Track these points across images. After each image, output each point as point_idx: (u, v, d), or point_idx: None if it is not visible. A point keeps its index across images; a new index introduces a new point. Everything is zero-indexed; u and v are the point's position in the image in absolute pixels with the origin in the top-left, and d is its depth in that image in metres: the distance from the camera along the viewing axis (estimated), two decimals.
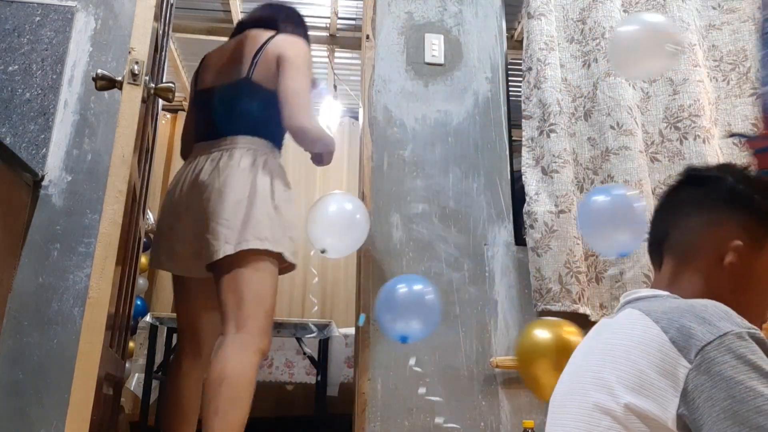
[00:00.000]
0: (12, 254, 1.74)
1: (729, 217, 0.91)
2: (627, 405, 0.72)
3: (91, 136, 1.92)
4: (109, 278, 1.17)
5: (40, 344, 1.72)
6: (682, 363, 0.70)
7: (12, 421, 1.66)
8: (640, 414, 0.71)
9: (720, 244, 0.90)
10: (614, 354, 0.78)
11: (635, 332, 0.77)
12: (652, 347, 0.73)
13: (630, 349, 0.76)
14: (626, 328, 0.80)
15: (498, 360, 1.87)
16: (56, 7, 2.00)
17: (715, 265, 0.90)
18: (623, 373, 0.75)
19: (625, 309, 0.86)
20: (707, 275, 0.90)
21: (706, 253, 0.90)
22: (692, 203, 0.94)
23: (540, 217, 1.95)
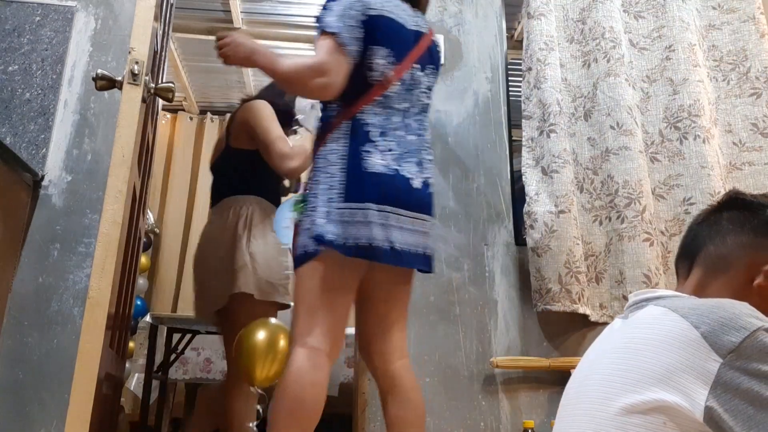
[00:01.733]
0: (12, 254, 1.75)
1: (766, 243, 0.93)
2: (654, 400, 0.73)
3: (91, 136, 1.92)
4: (109, 278, 1.17)
5: (40, 344, 1.72)
6: (713, 357, 0.71)
7: (12, 421, 1.66)
8: (667, 408, 0.72)
9: (753, 265, 0.91)
10: (638, 349, 0.79)
11: (662, 327, 0.78)
12: (681, 341, 0.74)
13: (656, 343, 0.77)
14: (651, 324, 0.81)
15: (498, 360, 1.87)
16: (56, 7, 2.00)
17: (744, 285, 0.91)
18: (649, 368, 0.75)
19: (646, 306, 0.87)
20: (734, 292, 0.91)
21: (737, 271, 0.92)
22: (733, 223, 0.96)
23: (540, 218, 1.95)
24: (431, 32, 1.61)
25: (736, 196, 1.00)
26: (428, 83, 1.57)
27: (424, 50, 1.56)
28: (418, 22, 1.57)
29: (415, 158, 1.47)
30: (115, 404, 1.92)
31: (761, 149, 2.09)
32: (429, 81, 1.57)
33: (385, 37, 1.48)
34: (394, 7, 1.51)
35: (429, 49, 1.58)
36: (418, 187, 1.45)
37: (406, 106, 1.51)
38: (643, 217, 1.92)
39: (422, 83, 1.54)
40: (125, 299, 1.70)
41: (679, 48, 2.12)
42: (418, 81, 1.53)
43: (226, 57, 1.50)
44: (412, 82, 1.52)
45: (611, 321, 1.93)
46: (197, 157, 4.70)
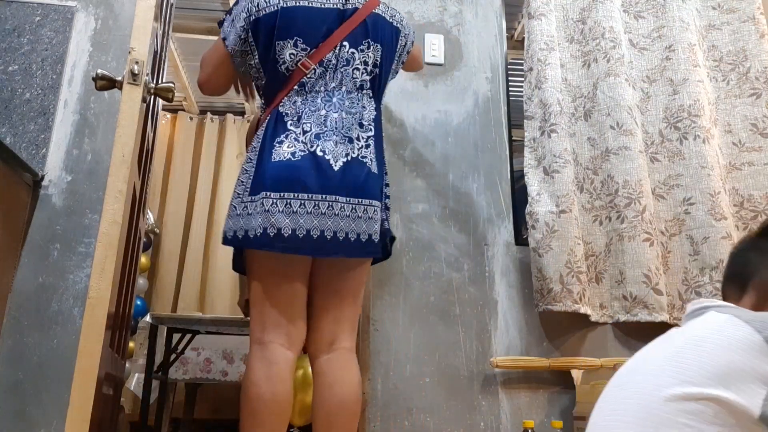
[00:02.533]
0: (12, 254, 1.75)
1: None
2: (709, 394, 0.75)
3: (91, 136, 1.92)
4: (109, 278, 1.17)
5: (40, 344, 1.72)
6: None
7: (12, 421, 1.66)
8: (722, 402, 0.75)
9: None
10: (698, 346, 0.81)
11: (725, 330, 0.81)
12: (743, 344, 0.77)
13: (717, 343, 0.79)
14: (713, 327, 0.83)
15: (498, 360, 1.87)
16: (56, 7, 2.00)
17: None
18: (708, 366, 0.78)
19: (708, 312, 0.89)
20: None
21: None
22: None
23: (541, 218, 1.95)
24: (371, 4, 1.56)
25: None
26: (365, 58, 1.52)
27: (357, 26, 1.52)
28: (346, 1, 1.54)
29: (339, 136, 1.43)
30: (115, 404, 1.92)
31: (761, 149, 2.09)
32: (367, 56, 1.52)
33: (289, 28, 1.48)
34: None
35: (365, 23, 1.54)
36: (339, 168, 1.39)
37: (332, 86, 1.49)
38: (643, 217, 1.92)
39: (355, 60, 1.51)
40: (125, 299, 1.70)
41: (679, 48, 2.12)
42: (347, 59, 1.51)
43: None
44: (337, 62, 1.50)
45: (611, 321, 1.95)
46: (197, 157, 4.70)
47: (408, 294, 1.94)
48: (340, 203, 1.38)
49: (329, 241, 1.36)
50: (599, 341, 1.96)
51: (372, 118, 1.50)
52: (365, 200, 1.41)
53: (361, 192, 1.41)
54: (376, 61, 1.54)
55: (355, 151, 1.43)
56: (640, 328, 1.93)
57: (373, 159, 1.46)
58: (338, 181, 1.39)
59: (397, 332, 1.90)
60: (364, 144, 1.46)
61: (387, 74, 1.59)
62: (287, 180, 1.37)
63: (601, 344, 1.95)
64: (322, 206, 1.36)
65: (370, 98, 1.52)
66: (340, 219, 1.37)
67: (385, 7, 1.61)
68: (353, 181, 1.40)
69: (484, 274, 2.00)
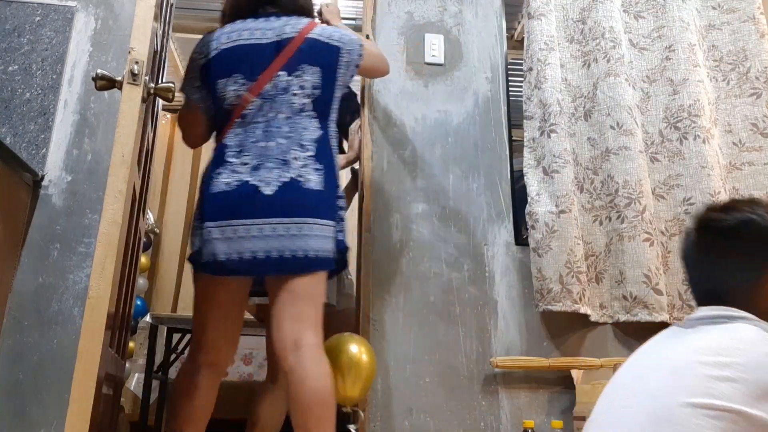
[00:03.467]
0: (12, 254, 1.75)
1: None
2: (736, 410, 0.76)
3: (91, 136, 1.92)
4: (109, 278, 1.17)
5: (40, 344, 1.72)
6: None
7: (12, 421, 1.66)
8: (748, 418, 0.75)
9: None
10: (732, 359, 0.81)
11: (760, 347, 0.81)
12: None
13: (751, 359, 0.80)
14: (749, 340, 0.83)
15: (498, 360, 1.87)
16: (56, 7, 2.00)
17: None
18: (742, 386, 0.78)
19: (736, 322, 0.88)
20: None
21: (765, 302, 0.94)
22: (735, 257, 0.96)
23: (541, 218, 1.95)
24: (305, 30, 1.62)
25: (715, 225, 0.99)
26: (302, 83, 1.59)
27: (292, 54, 1.60)
28: (282, 31, 1.62)
29: (275, 162, 1.51)
30: (115, 404, 1.92)
31: (761, 149, 2.09)
32: (304, 80, 1.59)
33: (230, 66, 1.59)
34: (242, 32, 1.63)
35: (300, 50, 1.60)
36: (269, 193, 1.48)
37: (271, 116, 1.57)
38: (643, 217, 1.92)
39: (292, 86, 1.58)
40: (125, 299, 1.70)
41: (679, 48, 2.12)
42: (284, 87, 1.58)
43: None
44: (276, 92, 1.58)
45: (611, 321, 1.94)
46: (197, 157, 4.69)
47: (408, 294, 1.94)
48: (273, 225, 1.46)
49: (262, 261, 1.45)
50: (599, 341, 1.96)
51: (314, 138, 1.56)
52: (300, 219, 1.47)
53: (296, 211, 1.48)
54: (316, 84, 1.60)
55: (291, 172, 1.50)
56: (640, 328, 1.93)
57: (315, 177, 1.52)
58: (271, 205, 1.47)
59: (397, 332, 1.90)
60: (302, 164, 1.52)
61: (331, 93, 1.63)
62: (222, 209, 1.48)
63: (601, 344, 1.95)
64: (253, 230, 1.45)
65: (312, 119, 1.58)
66: (272, 239, 1.45)
67: (322, 29, 1.66)
68: (288, 202, 1.48)
69: (484, 274, 2.00)
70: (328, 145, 1.59)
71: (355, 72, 1.70)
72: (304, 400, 1.39)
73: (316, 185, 1.51)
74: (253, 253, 1.45)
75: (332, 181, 1.57)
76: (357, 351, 1.71)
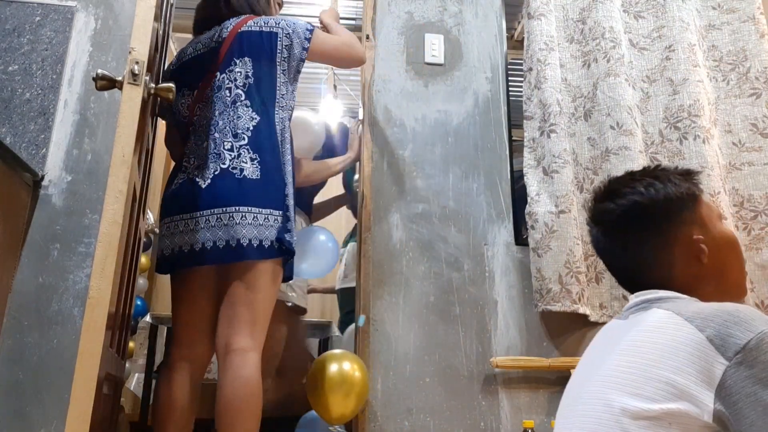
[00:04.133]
0: (12, 254, 1.75)
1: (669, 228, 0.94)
2: (660, 409, 0.74)
3: (91, 136, 1.92)
4: (109, 278, 1.17)
5: (40, 344, 1.72)
6: (719, 360, 0.72)
7: (12, 421, 1.66)
8: (675, 413, 0.73)
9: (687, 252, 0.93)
10: (644, 353, 0.79)
11: (667, 332, 0.79)
12: (687, 346, 0.75)
13: (662, 348, 0.78)
14: (656, 328, 0.82)
15: (498, 360, 1.87)
16: (56, 7, 2.00)
17: (700, 270, 0.93)
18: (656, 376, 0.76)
19: (650, 309, 0.87)
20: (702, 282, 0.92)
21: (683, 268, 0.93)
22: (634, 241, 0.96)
23: (540, 218, 1.95)
24: (237, 26, 1.68)
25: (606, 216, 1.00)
26: (235, 76, 1.64)
27: (225, 53, 1.66)
28: (218, 36, 1.70)
29: (211, 156, 1.57)
30: (115, 404, 1.92)
31: (761, 149, 2.09)
32: (236, 73, 1.64)
33: (179, 82, 1.68)
34: (187, 49, 1.76)
35: (230, 46, 1.66)
36: (207, 185, 1.54)
37: (209, 115, 1.64)
38: None
39: (225, 82, 1.64)
40: (125, 299, 1.70)
41: (679, 48, 2.12)
42: (219, 85, 1.65)
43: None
44: (212, 92, 1.65)
45: (611, 321, 1.94)
46: None
47: (408, 294, 1.94)
48: (206, 216, 1.52)
49: (197, 252, 1.51)
50: None
51: (248, 126, 1.59)
52: (232, 208, 1.51)
53: (229, 201, 1.51)
54: (248, 73, 1.65)
55: (225, 163, 1.55)
56: None
57: (249, 166, 1.55)
58: (206, 197, 1.53)
59: (397, 332, 1.90)
60: (237, 154, 1.56)
61: (270, 79, 1.66)
62: (169, 206, 1.61)
63: None
64: (190, 223, 1.53)
65: (246, 107, 1.61)
66: (206, 231, 1.51)
67: (256, 20, 1.70)
68: (220, 193, 1.52)
69: (484, 274, 2.00)
70: (268, 133, 1.60)
71: (303, 55, 1.70)
72: (227, 402, 1.44)
73: (251, 174, 1.54)
74: (192, 245, 1.51)
75: (272, 169, 1.57)
76: (349, 368, 1.74)
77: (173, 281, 1.64)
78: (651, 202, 0.95)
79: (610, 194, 1.00)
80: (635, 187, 0.97)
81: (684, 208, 0.95)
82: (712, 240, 0.94)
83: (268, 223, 1.53)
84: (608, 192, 1.01)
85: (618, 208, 0.98)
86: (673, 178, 0.97)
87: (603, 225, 1.01)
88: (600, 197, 1.02)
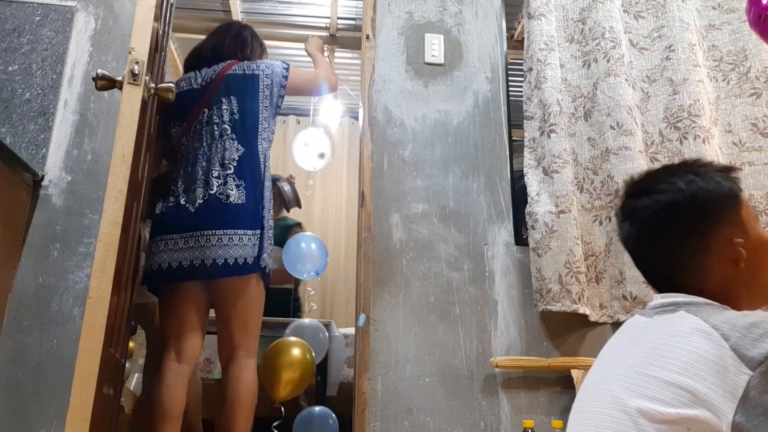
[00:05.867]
0: (12, 254, 1.75)
1: (708, 228, 0.89)
2: (679, 415, 0.73)
3: (91, 136, 1.92)
4: (109, 278, 1.17)
5: (40, 344, 1.72)
6: (742, 370, 0.71)
7: (12, 421, 1.66)
8: (694, 421, 0.72)
9: (724, 255, 0.88)
10: (667, 360, 0.77)
11: (692, 339, 0.77)
12: (711, 354, 0.73)
13: (686, 356, 0.76)
14: (682, 334, 0.79)
15: (498, 360, 1.87)
16: (56, 7, 2.00)
17: (735, 275, 0.89)
18: (677, 383, 0.74)
19: (678, 311, 0.85)
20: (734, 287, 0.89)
21: (719, 272, 0.89)
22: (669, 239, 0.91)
23: (540, 218, 1.95)
24: (224, 70, 1.92)
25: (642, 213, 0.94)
26: (222, 113, 1.85)
27: (214, 91, 1.88)
28: (207, 76, 1.93)
29: (199, 182, 1.76)
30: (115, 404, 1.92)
31: (761, 149, 2.08)
32: (223, 110, 1.86)
33: (171, 113, 1.91)
34: (179, 84, 1.94)
35: (218, 87, 1.89)
36: (195, 208, 1.73)
37: (197, 146, 1.83)
38: None
39: (213, 117, 1.86)
40: (125, 299, 1.70)
41: (679, 48, 2.12)
42: (207, 120, 1.86)
43: None
44: (201, 126, 1.86)
45: (611, 321, 1.94)
46: None
47: (408, 294, 1.94)
48: (195, 236, 1.71)
49: (186, 268, 1.70)
50: (599, 341, 1.96)
51: (234, 157, 1.80)
52: (221, 230, 1.71)
53: (220, 224, 1.71)
54: (233, 110, 1.86)
55: (213, 189, 1.74)
56: None
57: (235, 192, 1.75)
58: (195, 219, 1.72)
59: (397, 332, 1.90)
60: (223, 182, 1.75)
61: (254, 115, 1.88)
62: (158, 227, 1.77)
63: (601, 344, 1.93)
64: (180, 242, 1.72)
65: (232, 141, 1.82)
66: (195, 250, 1.70)
67: (240, 64, 1.94)
68: (209, 216, 1.71)
69: (484, 274, 2.00)
70: (252, 163, 1.81)
71: (281, 92, 1.96)
72: (229, 401, 1.71)
73: (236, 199, 1.74)
74: (180, 262, 1.70)
75: (255, 195, 1.78)
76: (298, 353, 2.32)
77: (161, 294, 1.82)
78: (692, 201, 0.89)
79: (645, 189, 0.94)
80: (674, 183, 0.92)
81: (726, 209, 0.90)
82: (752, 243, 0.89)
83: (251, 242, 1.73)
84: (643, 186, 0.95)
85: (655, 205, 0.92)
86: (715, 175, 0.91)
87: (636, 221, 0.94)
88: (634, 191, 0.96)
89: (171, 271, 1.72)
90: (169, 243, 1.73)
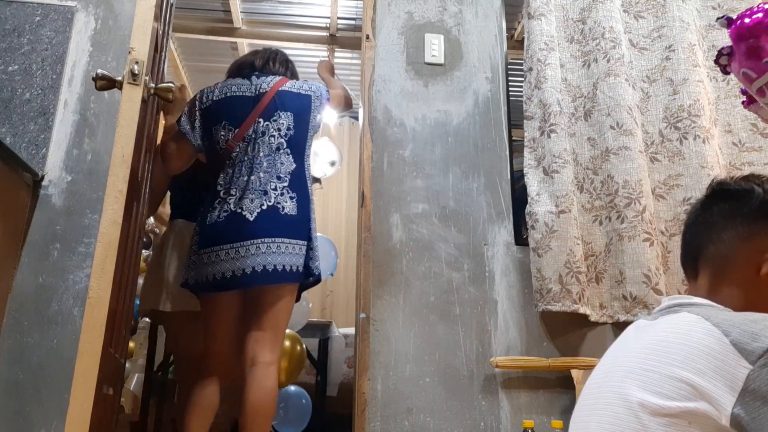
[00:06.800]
0: (12, 254, 1.75)
1: (761, 228, 0.93)
2: (679, 407, 0.74)
3: (91, 136, 1.92)
4: (109, 278, 1.17)
5: (40, 344, 1.72)
6: (742, 364, 0.72)
7: (12, 421, 1.66)
8: (694, 413, 0.73)
9: (755, 256, 0.92)
10: (667, 355, 0.79)
11: (692, 334, 0.79)
12: (712, 349, 0.75)
13: (686, 351, 0.78)
14: (682, 330, 0.82)
15: (498, 360, 1.87)
16: (56, 7, 2.00)
17: (753, 277, 0.92)
18: (677, 377, 0.76)
19: (680, 312, 0.87)
20: (745, 287, 0.92)
21: (742, 266, 0.93)
22: (724, 217, 0.96)
23: (540, 218, 1.95)
24: (277, 85, 1.99)
25: (720, 188, 1.00)
26: (278, 126, 1.93)
27: (267, 104, 1.94)
28: (260, 86, 1.98)
29: (257, 193, 1.82)
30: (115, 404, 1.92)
31: (761, 149, 2.09)
32: (280, 124, 1.93)
33: (220, 116, 1.93)
34: (231, 87, 1.99)
35: (273, 100, 1.95)
36: (254, 217, 1.79)
37: (253, 155, 1.88)
38: (643, 217, 1.92)
39: (270, 129, 1.92)
40: (125, 299, 1.70)
41: (679, 48, 2.12)
42: (263, 131, 1.92)
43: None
44: (256, 135, 1.91)
45: (611, 321, 1.94)
46: None
47: (408, 294, 1.94)
48: (256, 244, 1.76)
49: (248, 275, 1.75)
50: (599, 341, 1.96)
51: (289, 171, 1.89)
52: (278, 239, 1.79)
53: (276, 232, 1.79)
54: (289, 125, 1.94)
55: (271, 200, 1.82)
56: None
57: (289, 204, 1.84)
58: (254, 228, 1.78)
59: (397, 332, 1.90)
60: (280, 193, 1.84)
61: (305, 132, 1.99)
62: (214, 236, 1.80)
63: (601, 344, 1.95)
64: (241, 251, 1.76)
65: (288, 155, 1.91)
66: (256, 257, 1.75)
67: (292, 83, 2.04)
68: (268, 225, 1.79)
69: (484, 274, 2.00)
70: (301, 177, 1.91)
71: (323, 110, 2.08)
72: (250, 408, 1.73)
73: (291, 210, 1.83)
74: (243, 269, 1.74)
75: (305, 207, 1.88)
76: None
77: (206, 302, 1.87)
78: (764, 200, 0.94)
79: (739, 178, 0.99)
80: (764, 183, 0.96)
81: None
82: None
83: (300, 251, 1.83)
84: (739, 176, 1.00)
85: (736, 186, 0.97)
86: None
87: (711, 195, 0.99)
88: (729, 178, 1.01)
89: (225, 280, 1.77)
90: (230, 252, 1.77)
